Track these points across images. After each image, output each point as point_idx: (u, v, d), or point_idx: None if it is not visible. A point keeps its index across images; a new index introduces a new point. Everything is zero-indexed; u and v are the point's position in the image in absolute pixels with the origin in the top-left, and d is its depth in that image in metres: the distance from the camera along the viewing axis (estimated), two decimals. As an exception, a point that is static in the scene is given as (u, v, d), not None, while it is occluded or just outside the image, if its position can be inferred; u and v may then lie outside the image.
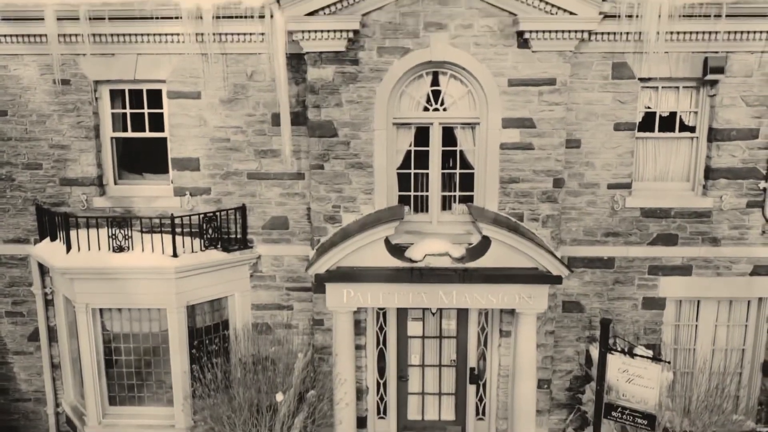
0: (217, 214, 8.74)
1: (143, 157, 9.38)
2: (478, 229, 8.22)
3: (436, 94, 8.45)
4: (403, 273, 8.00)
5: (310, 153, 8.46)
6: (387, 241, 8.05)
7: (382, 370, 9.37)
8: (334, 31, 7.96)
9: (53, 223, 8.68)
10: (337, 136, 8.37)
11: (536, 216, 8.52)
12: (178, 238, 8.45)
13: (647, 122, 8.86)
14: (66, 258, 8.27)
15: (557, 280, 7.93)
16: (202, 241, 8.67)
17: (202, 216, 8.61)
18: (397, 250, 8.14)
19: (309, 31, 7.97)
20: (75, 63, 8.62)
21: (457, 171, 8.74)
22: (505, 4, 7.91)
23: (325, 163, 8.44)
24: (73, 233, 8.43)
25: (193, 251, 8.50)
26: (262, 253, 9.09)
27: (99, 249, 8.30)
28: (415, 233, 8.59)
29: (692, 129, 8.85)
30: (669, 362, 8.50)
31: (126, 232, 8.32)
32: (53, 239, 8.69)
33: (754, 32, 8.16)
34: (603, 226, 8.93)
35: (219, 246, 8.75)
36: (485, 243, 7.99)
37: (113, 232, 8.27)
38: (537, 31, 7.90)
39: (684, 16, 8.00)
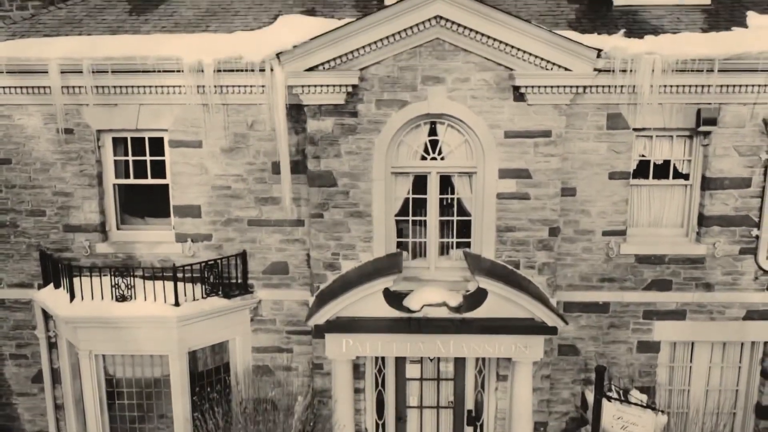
0: (219, 261, 8.87)
1: (145, 201, 9.50)
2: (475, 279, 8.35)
3: (434, 143, 8.59)
4: (401, 323, 8.14)
5: (310, 201, 8.60)
6: (386, 291, 8.18)
7: (381, 405, 9.48)
8: (333, 85, 8.10)
9: (57, 269, 8.82)
10: (336, 185, 8.51)
11: (532, 264, 8.65)
12: (180, 285, 8.58)
13: (642, 169, 9.00)
14: (70, 307, 8.40)
15: (553, 331, 8.07)
16: (204, 287, 8.81)
17: (203, 264, 8.74)
18: (395, 299, 8.27)
19: (308, 86, 8.11)
20: (78, 113, 8.76)
21: (455, 218, 8.88)
22: (501, 59, 8.05)
23: (324, 212, 8.58)
24: (76, 280, 8.56)
25: (194, 299, 8.63)
26: (263, 297, 9.22)
27: (102, 298, 8.44)
28: (413, 279, 8.73)
29: (686, 176, 8.98)
30: (664, 411, 8.63)
31: (128, 282, 8.45)
32: (57, 286, 8.82)
33: (747, 86, 8.29)
34: (598, 272, 9.06)
35: (220, 292, 8.89)
36: (482, 293, 8.12)
37: (116, 282, 8.40)
38: (533, 86, 8.04)
39: (677, 70, 8.13)
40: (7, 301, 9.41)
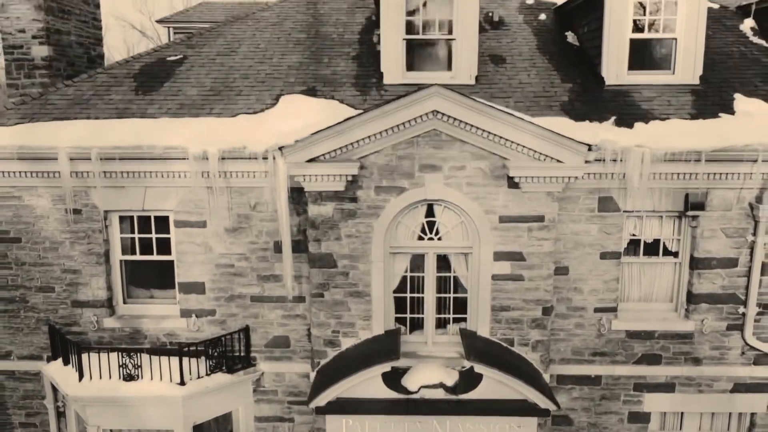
0: (223, 338, 9.15)
1: (151, 274, 9.76)
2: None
3: (431, 224, 8.86)
4: (399, 404, 8.42)
5: (311, 281, 8.88)
6: (384, 373, 8.45)
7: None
8: (334, 174, 8.38)
9: (65, 345, 9.09)
10: (336, 267, 8.79)
11: (526, 341, 8.93)
12: (185, 360, 8.85)
13: (632, 246, 9.29)
14: (78, 386, 8.68)
15: (545, 413, 8.36)
16: (208, 363, 9.08)
17: (207, 342, 9.03)
18: (393, 380, 8.53)
19: (310, 175, 8.39)
20: (86, 194, 9.03)
21: (451, 295, 9.16)
22: (495, 150, 8.34)
23: (325, 292, 8.86)
24: (84, 356, 8.84)
25: (199, 376, 8.91)
26: (265, 370, 9.50)
27: (110, 377, 8.71)
28: (411, 355, 8.99)
29: (675, 254, 9.27)
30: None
31: (135, 361, 8.73)
32: (66, 363, 9.10)
33: (733, 173, 8.58)
34: (590, 347, 9.35)
35: (224, 367, 9.16)
36: (477, 374, 8.39)
37: (123, 362, 8.68)
38: (526, 176, 8.32)
39: (666, 161, 8.42)
40: (17, 373, 9.68)
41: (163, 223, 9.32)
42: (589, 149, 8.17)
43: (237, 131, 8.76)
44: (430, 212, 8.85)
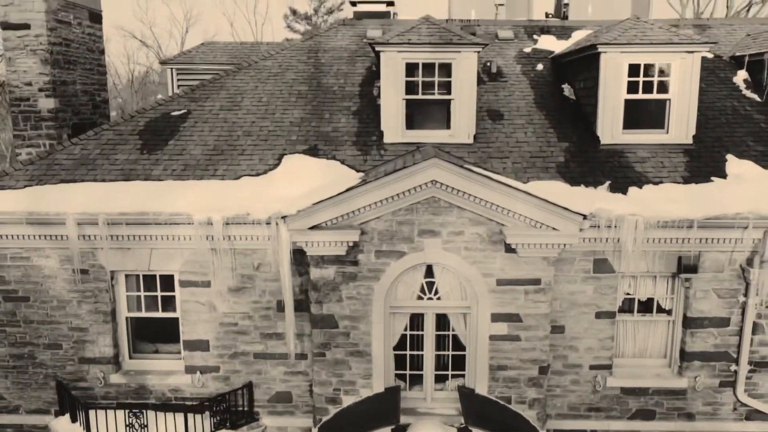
0: (226, 396, 9.37)
1: (157, 330, 9.96)
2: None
3: (430, 284, 9.07)
4: (399, 465, 8.63)
5: (313, 341, 9.09)
6: (384, 433, 8.67)
7: None
8: (336, 241, 8.59)
9: (72, 402, 9.30)
10: (338, 327, 9.00)
11: (523, 399, 9.15)
12: (190, 416, 9.06)
13: (627, 302, 9.50)
14: (86, 446, 8.90)
15: (542, 474, 8.58)
16: (212, 420, 9.29)
17: (212, 399, 9.24)
18: (393, 439, 8.76)
19: (312, 242, 8.61)
20: (93, 255, 9.24)
21: (450, 353, 9.38)
22: (493, 216, 8.55)
23: (327, 351, 9.07)
24: (92, 412, 9.06)
25: (203, 433, 9.14)
26: (268, 424, 9.71)
27: (117, 436, 8.93)
28: (410, 411, 9.21)
29: (669, 311, 9.49)
30: None
31: (141, 420, 8.94)
32: (73, 420, 9.31)
33: (725, 238, 8.79)
34: (586, 402, 9.57)
35: (228, 424, 9.38)
36: (475, 435, 8.61)
37: (130, 421, 8.89)
38: (523, 243, 8.54)
39: (659, 227, 8.64)
40: (25, 426, 9.89)
41: (168, 280, 9.54)
42: (584, 218, 8.39)
43: (240, 196, 8.97)
44: (429, 272, 9.06)
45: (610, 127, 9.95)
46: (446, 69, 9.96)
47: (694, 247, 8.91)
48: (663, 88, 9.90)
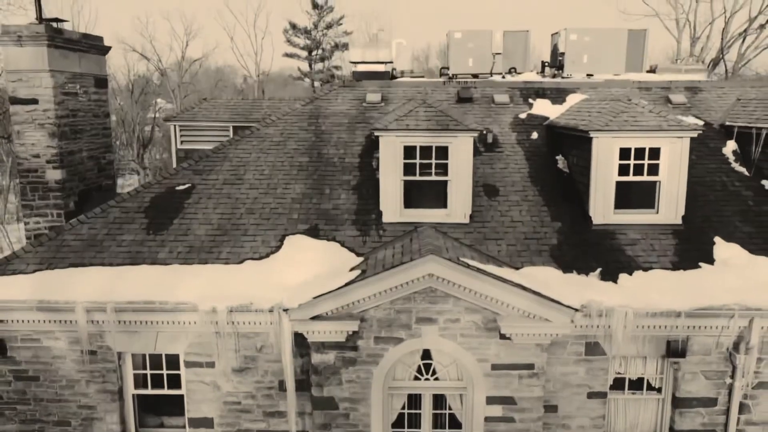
0: (230, 473, 9.68)
1: (163, 403, 10.26)
2: (464, 501, 9.16)
3: (427, 365, 9.38)
4: None
5: (314, 422, 9.39)
6: None
7: None
8: (336, 330, 8.90)
9: (81, 479, 9.61)
10: (338, 409, 9.31)
11: (518, 477, 9.46)
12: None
13: (618, 382, 9.81)
14: None
15: None
16: (217, 495, 9.61)
17: (216, 477, 9.56)
18: None
19: (313, 330, 8.91)
20: (101, 337, 9.54)
21: (447, 431, 9.69)
22: (488, 306, 8.86)
23: None
24: (99, 489, 9.37)
25: None
26: (270, 498, 10.02)
27: None
28: (409, 485, 9.53)
29: (659, 389, 9.80)
30: None
31: (148, 500, 9.26)
32: (82, 497, 9.61)
33: (712, 325, 9.11)
34: (579, 477, 9.88)
35: (231, 499, 9.69)
36: None
37: (137, 502, 9.20)
38: (516, 333, 8.85)
39: (648, 316, 8.96)
40: (35, 498, 10.20)
41: (174, 359, 9.83)
42: (576, 311, 8.70)
43: (244, 282, 9.27)
44: (426, 353, 9.37)
45: (602, 208, 10.26)
46: (443, 150, 10.27)
47: (683, 332, 9.22)
48: (653, 169, 10.21)
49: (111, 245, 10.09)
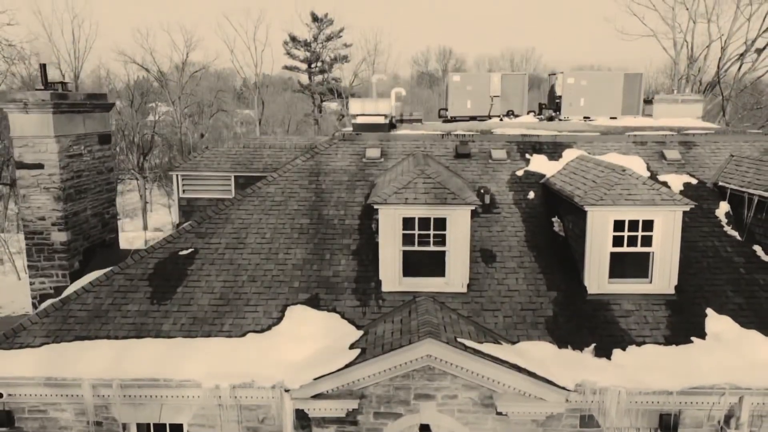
0: None
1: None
2: None
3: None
4: None
5: (314, 492, 9.62)
6: None
7: None
8: (336, 407, 9.12)
9: None
10: (338, 479, 9.54)
11: None
12: None
13: (612, 450, 10.05)
14: None
15: None
16: None
17: None
18: None
19: (314, 407, 9.14)
20: (107, 409, 9.76)
21: (444, 499, 9.91)
22: (484, 383, 9.09)
23: (327, 502, 9.61)
24: None
25: None
26: None
27: None
28: None
29: (652, 458, 10.03)
30: None
31: None
32: None
33: (702, 401, 9.34)
34: None
35: None
36: None
37: None
38: (512, 411, 9.07)
39: (641, 394, 9.19)
40: None
41: (178, 428, 10.05)
42: (571, 390, 8.92)
43: (246, 358, 9.49)
44: (425, 429, 9.57)
45: (597, 278, 10.49)
46: (441, 221, 10.49)
47: (675, 407, 9.44)
48: (647, 240, 10.44)
49: (116, 316, 10.31)
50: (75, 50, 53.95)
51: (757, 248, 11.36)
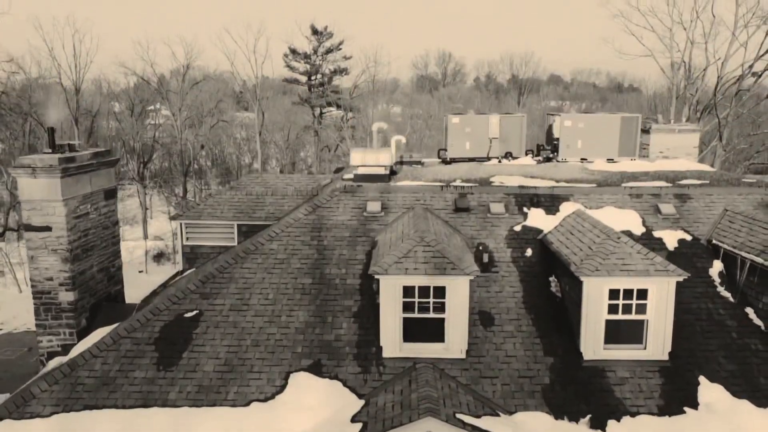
0: None
1: None
2: None
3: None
4: None
5: None
6: None
7: None
8: (338, 480, 9.39)
9: None
10: None
11: None
12: None
13: None
14: None
15: None
16: None
17: None
18: None
19: (317, 480, 9.41)
20: (115, 477, 10.02)
21: None
22: (483, 457, 9.35)
23: None
24: None
25: None
26: None
27: None
28: None
29: None
30: None
31: None
32: None
33: (695, 473, 9.62)
34: None
35: None
36: None
37: None
38: (510, 483, 9.35)
39: (634, 467, 9.47)
40: None
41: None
42: (566, 466, 9.20)
43: (250, 429, 9.75)
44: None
45: (592, 344, 10.75)
46: (441, 289, 10.75)
47: (668, 477, 9.73)
48: (641, 308, 10.70)
49: (123, 383, 10.56)
50: (76, 64, 54.13)
51: (749, 311, 11.62)
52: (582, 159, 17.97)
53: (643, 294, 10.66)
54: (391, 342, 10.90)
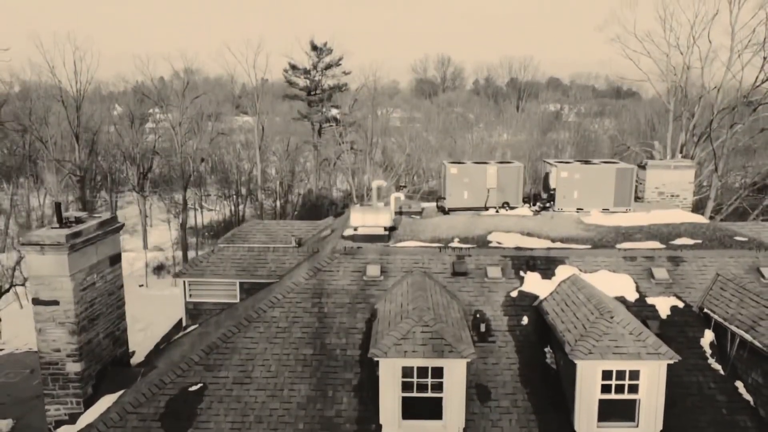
0: None
1: None
2: None
3: None
4: None
5: None
6: None
7: None
8: None
9: None
10: None
11: None
12: None
13: None
14: None
15: None
16: None
17: None
18: None
19: None
20: None
21: None
22: None
23: None
24: None
25: None
26: None
27: None
28: None
29: None
30: None
31: None
32: None
33: None
34: None
35: None
36: None
37: None
38: None
39: None
40: None
41: None
42: None
43: None
44: None
45: (586, 423, 11.06)
46: (439, 369, 11.06)
47: None
48: (634, 388, 11.01)
49: (130, 463, 10.87)
50: (77, 82, 54.38)
51: (739, 384, 11.94)
52: (578, 209, 18.28)
53: (635, 374, 10.98)
54: (391, 419, 11.21)
